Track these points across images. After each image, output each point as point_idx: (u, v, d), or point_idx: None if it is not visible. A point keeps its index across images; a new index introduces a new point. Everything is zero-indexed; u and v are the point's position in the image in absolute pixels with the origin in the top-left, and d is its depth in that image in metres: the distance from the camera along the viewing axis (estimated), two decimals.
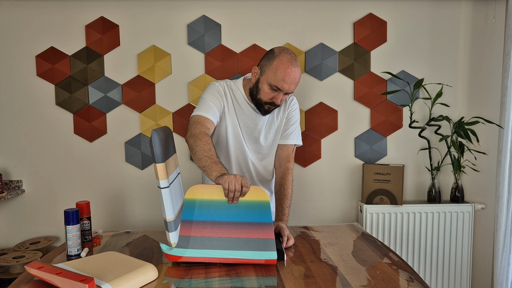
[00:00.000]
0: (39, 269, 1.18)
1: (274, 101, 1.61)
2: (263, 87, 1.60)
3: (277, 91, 1.59)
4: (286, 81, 1.56)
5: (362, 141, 2.40)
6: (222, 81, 1.73)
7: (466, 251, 2.33)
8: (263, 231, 1.33)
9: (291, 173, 1.75)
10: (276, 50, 1.60)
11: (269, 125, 1.76)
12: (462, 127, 2.27)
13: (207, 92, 1.67)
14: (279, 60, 1.56)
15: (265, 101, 1.63)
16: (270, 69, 1.58)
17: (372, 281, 1.22)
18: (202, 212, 1.33)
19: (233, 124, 1.70)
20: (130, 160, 2.33)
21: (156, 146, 1.33)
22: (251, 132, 1.74)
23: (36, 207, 2.32)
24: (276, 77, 1.56)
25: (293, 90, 1.62)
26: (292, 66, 1.56)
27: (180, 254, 1.32)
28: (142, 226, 2.34)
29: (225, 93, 1.69)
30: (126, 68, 2.28)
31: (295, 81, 1.58)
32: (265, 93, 1.61)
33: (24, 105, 2.27)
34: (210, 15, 2.28)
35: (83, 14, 2.25)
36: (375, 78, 2.36)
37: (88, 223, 1.56)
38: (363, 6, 2.32)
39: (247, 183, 1.32)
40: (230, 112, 1.69)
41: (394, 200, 2.31)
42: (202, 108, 1.62)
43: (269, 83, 1.58)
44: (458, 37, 2.36)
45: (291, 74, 1.55)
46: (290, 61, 1.56)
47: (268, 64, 1.59)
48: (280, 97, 1.61)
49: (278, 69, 1.56)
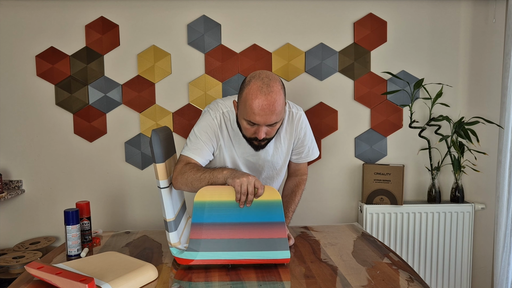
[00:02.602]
0: (39, 269, 1.18)
1: (257, 136, 1.39)
2: (242, 123, 1.40)
3: (255, 125, 1.37)
4: (257, 114, 1.32)
5: (362, 141, 2.39)
6: (218, 110, 1.51)
7: (466, 251, 2.33)
8: (275, 230, 1.31)
9: (305, 183, 1.75)
10: (247, 79, 1.38)
11: (275, 151, 1.58)
12: (462, 127, 2.26)
13: (201, 128, 1.49)
14: (247, 90, 1.34)
15: (249, 137, 1.43)
16: (241, 103, 1.37)
17: (372, 281, 1.22)
18: (212, 214, 1.30)
19: (232, 158, 1.55)
20: (130, 160, 2.32)
21: (156, 146, 1.33)
22: (253, 165, 1.58)
23: (36, 207, 2.32)
24: (246, 111, 1.34)
25: (274, 121, 1.36)
26: (262, 95, 1.30)
27: (191, 257, 1.29)
28: (142, 226, 2.34)
29: (220, 127, 1.50)
30: (126, 68, 2.28)
31: (269, 111, 1.32)
32: (245, 130, 1.41)
33: (24, 105, 2.27)
34: (210, 15, 2.28)
35: (83, 14, 2.25)
36: (375, 78, 2.36)
37: (88, 223, 1.56)
38: (363, 6, 2.32)
39: (260, 185, 1.27)
40: (227, 146, 1.52)
41: (394, 200, 2.31)
42: (193, 149, 1.47)
43: (244, 119, 1.38)
44: (458, 37, 2.36)
45: (262, 104, 1.30)
46: (259, 89, 1.31)
47: (240, 96, 1.38)
48: (262, 131, 1.37)
49: (247, 101, 1.33)
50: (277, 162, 1.60)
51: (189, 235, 1.42)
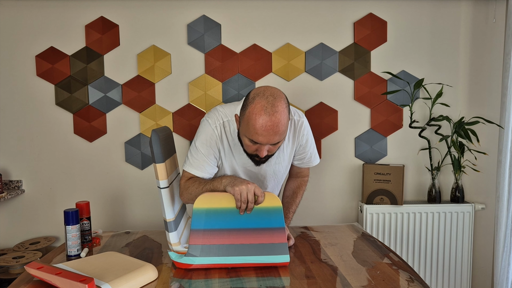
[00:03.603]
0: (38, 269, 1.18)
1: (258, 153, 1.35)
2: (244, 140, 1.36)
3: (258, 144, 1.33)
4: (260, 134, 1.28)
5: (362, 141, 2.39)
6: (218, 119, 1.46)
7: (466, 251, 2.33)
8: (275, 235, 1.31)
9: (306, 184, 1.75)
10: (251, 96, 1.32)
11: (277, 161, 1.54)
12: (462, 127, 2.26)
13: (202, 142, 1.45)
14: (251, 109, 1.28)
15: (250, 154, 1.40)
16: (243, 120, 1.32)
17: (372, 282, 1.22)
18: (212, 221, 1.30)
19: (231, 167, 1.52)
20: (130, 160, 2.32)
21: (156, 146, 1.33)
22: (254, 174, 1.55)
23: (36, 207, 2.32)
24: (249, 130, 1.29)
25: (277, 141, 1.32)
26: (266, 115, 1.26)
27: (190, 262, 1.29)
28: (142, 226, 2.34)
29: (221, 138, 1.46)
30: (126, 68, 2.28)
31: (272, 131, 1.27)
32: (246, 146, 1.37)
33: (24, 105, 2.27)
34: (210, 15, 2.28)
35: (83, 14, 2.25)
36: (375, 78, 2.36)
37: (88, 223, 1.56)
38: (363, 6, 2.32)
39: (261, 192, 1.27)
40: (227, 156, 1.49)
41: (394, 200, 2.30)
42: (196, 165, 1.44)
43: (246, 137, 1.34)
44: (458, 37, 2.36)
45: (266, 125, 1.26)
46: (264, 108, 1.26)
47: (243, 113, 1.32)
48: (264, 149, 1.33)
49: (249, 120, 1.28)
50: (279, 170, 1.58)
51: (188, 239, 1.42)
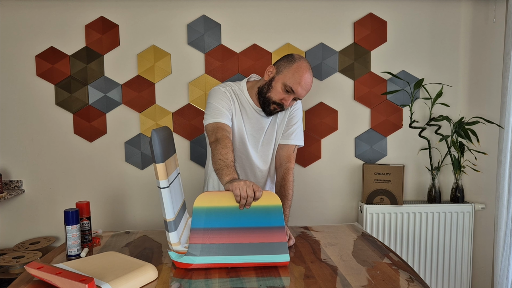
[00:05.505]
0: (39, 269, 1.18)
1: (284, 102, 1.63)
2: (277, 86, 1.62)
3: (289, 94, 1.62)
4: (301, 85, 1.60)
5: (362, 141, 2.39)
6: (225, 85, 1.72)
7: (466, 251, 2.33)
8: (275, 235, 1.32)
9: (291, 173, 1.75)
10: (296, 56, 1.65)
11: (272, 127, 1.75)
12: (462, 127, 2.26)
13: (216, 97, 1.66)
14: (299, 64, 1.61)
15: (273, 101, 1.64)
16: (288, 70, 1.61)
17: (372, 281, 1.22)
18: (212, 220, 1.31)
19: (239, 129, 1.70)
20: (130, 160, 2.32)
21: (156, 146, 1.33)
22: (257, 136, 1.74)
23: (36, 207, 2.32)
24: (294, 79, 1.59)
25: (303, 97, 1.65)
26: (309, 74, 1.61)
27: (190, 261, 1.30)
28: (142, 226, 2.34)
29: (232, 98, 1.68)
30: (126, 68, 2.28)
31: (308, 88, 1.62)
32: (276, 92, 1.62)
33: (24, 105, 2.27)
34: (210, 15, 2.28)
35: (83, 14, 2.25)
36: (375, 78, 2.36)
37: (88, 223, 1.56)
38: (363, 6, 2.32)
39: (259, 188, 1.31)
40: (237, 116, 1.69)
41: (394, 200, 2.30)
42: (216, 115, 1.62)
43: (284, 83, 1.61)
44: (458, 37, 2.36)
45: (308, 80, 1.61)
46: (308, 68, 1.62)
47: (287, 65, 1.62)
48: (290, 100, 1.63)
49: (296, 72, 1.59)
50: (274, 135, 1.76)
51: (188, 238, 1.42)
